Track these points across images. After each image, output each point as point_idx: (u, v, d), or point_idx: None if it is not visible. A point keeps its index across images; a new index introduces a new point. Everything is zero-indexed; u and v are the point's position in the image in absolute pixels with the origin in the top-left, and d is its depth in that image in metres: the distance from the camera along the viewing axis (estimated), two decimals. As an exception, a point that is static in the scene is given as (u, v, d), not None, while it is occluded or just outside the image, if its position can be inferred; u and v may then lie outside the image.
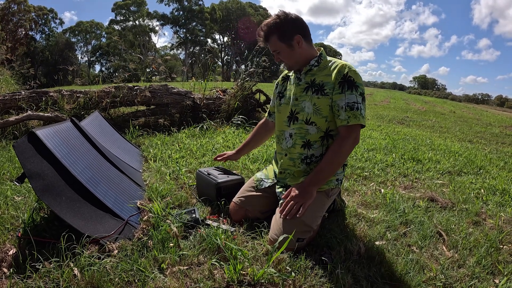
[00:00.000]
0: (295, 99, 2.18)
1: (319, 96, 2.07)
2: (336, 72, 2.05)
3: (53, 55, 53.45)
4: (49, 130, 2.22)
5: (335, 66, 2.08)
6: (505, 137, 8.77)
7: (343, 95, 2.01)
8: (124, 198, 2.29)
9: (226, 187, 2.46)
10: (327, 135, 2.12)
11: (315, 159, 2.15)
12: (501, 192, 3.36)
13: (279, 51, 2.10)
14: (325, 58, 2.17)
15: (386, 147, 5.04)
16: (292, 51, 2.10)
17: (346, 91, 2.00)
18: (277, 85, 2.43)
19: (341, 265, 1.78)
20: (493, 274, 1.90)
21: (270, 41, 2.09)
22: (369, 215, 2.49)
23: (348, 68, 2.03)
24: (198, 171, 2.65)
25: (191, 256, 1.78)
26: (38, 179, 1.83)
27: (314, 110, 2.08)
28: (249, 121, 5.82)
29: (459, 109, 22.52)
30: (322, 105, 2.07)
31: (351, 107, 1.99)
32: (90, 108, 5.16)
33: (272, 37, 2.08)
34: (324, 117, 2.08)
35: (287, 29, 2.07)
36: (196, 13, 62.04)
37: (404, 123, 9.74)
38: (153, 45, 64.69)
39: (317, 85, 2.10)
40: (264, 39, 2.12)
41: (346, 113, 1.99)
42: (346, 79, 2.01)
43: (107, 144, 3.22)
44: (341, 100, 2.01)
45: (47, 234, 1.93)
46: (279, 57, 2.14)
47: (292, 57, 2.12)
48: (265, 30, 2.09)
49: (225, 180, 2.47)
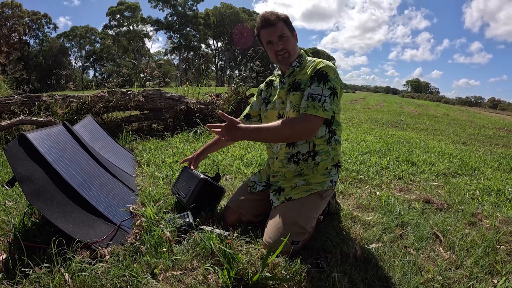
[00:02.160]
0: (281, 102, 2.21)
1: (295, 92, 2.09)
2: (311, 69, 2.08)
3: (47, 60, 53.20)
4: (41, 133, 2.19)
5: (312, 64, 2.12)
6: (498, 139, 8.84)
7: (310, 86, 2.01)
8: (117, 203, 2.25)
9: (208, 185, 2.39)
10: None
11: (302, 156, 2.14)
12: (496, 192, 3.37)
13: (285, 35, 2.10)
14: (305, 59, 2.21)
15: (381, 150, 5.04)
16: (294, 40, 2.17)
17: (314, 83, 2.01)
18: (261, 91, 2.45)
19: (338, 269, 1.76)
20: (491, 274, 1.89)
21: (278, 26, 2.09)
22: (364, 218, 2.48)
23: (322, 64, 2.06)
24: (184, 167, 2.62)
25: (185, 261, 1.75)
26: (29, 183, 1.80)
27: (291, 107, 2.10)
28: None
29: (452, 112, 22.68)
30: (297, 100, 2.07)
31: (314, 98, 1.96)
32: (83, 113, 5.12)
33: (280, 22, 2.10)
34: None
35: (290, 22, 2.16)
36: (190, 19, 62.08)
37: (398, 126, 9.77)
38: (147, 50, 64.61)
39: (296, 84, 2.12)
40: (271, 23, 2.09)
41: (306, 102, 1.97)
42: (318, 73, 2.03)
43: (100, 148, 3.19)
44: (307, 91, 2.01)
45: (38, 239, 1.90)
46: (282, 43, 2.10)
47: (293, 45, 2.15)
48: (274, 16, 2.10)
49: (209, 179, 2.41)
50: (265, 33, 2.13)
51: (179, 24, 62.13)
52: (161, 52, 67.53)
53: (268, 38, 2.12)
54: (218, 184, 2.42)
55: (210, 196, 2.39)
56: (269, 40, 2.12)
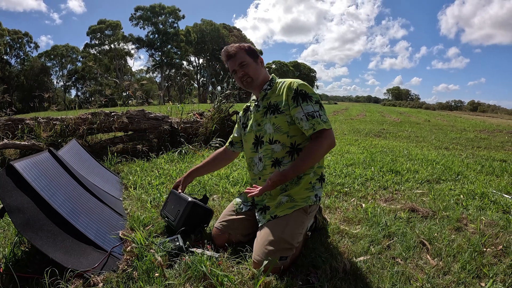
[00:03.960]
0: (258, 124, 2.29)
1: (276, 115, 2.17)
2: (286, 89, 2.17)
3: (29, 79, 52.66)
4: (27, 162, 2.19)
5: (283, 85, 2.22)
6: (480, 141, 9.04)
7: (299, 107, 2.08)
8: (106, 229, 2.25)
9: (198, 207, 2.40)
10: (296, 150, 2.17)
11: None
12: (480, 196, 3.45)
13: (246, 63, 2.24)
14: (275, 81, 2.32)
15: (365, 161, 5.12)
16: (257, 66, 2.29)
17: (302, 103, 2.09)
18: (240, 118, 2.54)
19: (328, 284, 1.79)
20: (478, 277, 1.94)
21: (238, 55, 2.24)
22: (352, 231, 2.51)
23: (296, 83, 2.15)
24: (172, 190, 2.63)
25: (177, 285, 1.76)
26: (18, 214, 1.80)
27: (274, 129, 2.17)
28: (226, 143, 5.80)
29: (433, 118, 23.07)
30: (280, 122, 2.15)
31: (312, 115, 2.05)
32: (67, 136, 5.08)
33: (240, 52, 2.25)
34: (285, 133, 2.15)
35: (253, 50, 2.32)
36: (171, 36, 62.32)
37: (381, 136, 9.90)
38: (129, 68, 64.58)
39: (272, 106, 2.21)
40: (232, 55, 2.25)
41: (309, 123, 2.05)
42: (299, 92, 2.11)
43: (86, 173, 3.18)
44: (299, 113, 2.08)
45: (29, 269, 1.89)
46: (244, 70, 2.24)
47: (256, 71, 2.27)
48: (234, 48, 2.27)
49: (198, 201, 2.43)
50: (228, 64, 2.30)
51: (161, 42, 62.34)
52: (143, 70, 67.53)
53: (231, 68, 2.28)
54: (206, 206, 2.44)
55: (199, 218, 2.41)
56: (233, 70, 2.28)
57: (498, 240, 2.38)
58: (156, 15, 61.88)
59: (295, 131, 2.15)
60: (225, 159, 2.74)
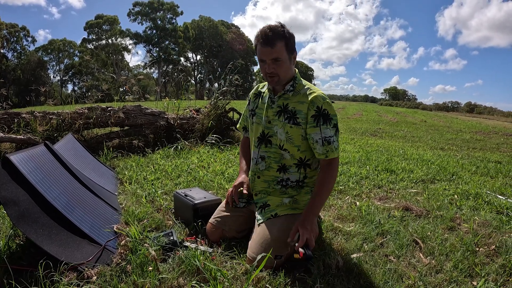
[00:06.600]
0: (268, 121, 2.19)
1: (292, 125, 2.09)
2: (310, 102, 2.05)
3: (25, 74, 52.28)
4: (23, 155, 2.18)
5: (309, 95, 2.07)
6: (475, 142, 9.08)
7: (318, 129, 2.04)
8: (101, 223, 2.25)
9: (204, 208, 2.45)
10: (304, 165, 2.17)
11: (291, 183, 2.19)
12: (474, 196, 3.47)
13: (281, 60, 2.00)
14: (299, 82, 2.16)
15: (360, 160, 5.13)
16: (290, 65, 2.07)
17: (322, 125, 2.03)
18: (249, 102, 2.42)
19: (320, 280, 1.81)
20: (470, 276, 1.96)
21: (276, 47, 1.96)
22: (345, 229, 2.52)
23: (322, 101, 2.04)
24: (175, 193, 2.64)
25: (171, 279, 1.76)
26: (13, 206, 1.80)
27: (287, 138, 2.11)
28: (223, 140, 5.81)
29: (430, 118, 23.12)
30: (294, 134, 2.09)
31: (328, 141, 2.04)
32: (63, 130, 5.06)
33: (279, 43, 1.97)
34: (296, 146, 2.12)
35: (293, 42, 2.05)
36: (169, 32, 62.00)
37: (377, 135, 9.93)
38: (126, 63, 64.20)
39: (289, 112, 2.10)
40: (269, 42, 1.96)
41: (323, 148, 2.04)
42: (321, 112, 2.03)
43: (81, 167, 3.17)
44: (316, 134, 2.04)
45: (24, 261, 1.89)
46: (274, 66, 2.01)
47: (287, 71, 2.07)
48: (274, 35, 1.96)
49: (202, 201, 2.46)
50: (260, 50, 2.01)
51: (158, 38, 62.04)
52: (140, 66, 67.21)
53: (261, 56, 2.02)
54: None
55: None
56: (262, 59, 2.03)
57: (491, 240, 2.40)
58: (155, 11, 61.56)
59: (306, 147, 2.12)
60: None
